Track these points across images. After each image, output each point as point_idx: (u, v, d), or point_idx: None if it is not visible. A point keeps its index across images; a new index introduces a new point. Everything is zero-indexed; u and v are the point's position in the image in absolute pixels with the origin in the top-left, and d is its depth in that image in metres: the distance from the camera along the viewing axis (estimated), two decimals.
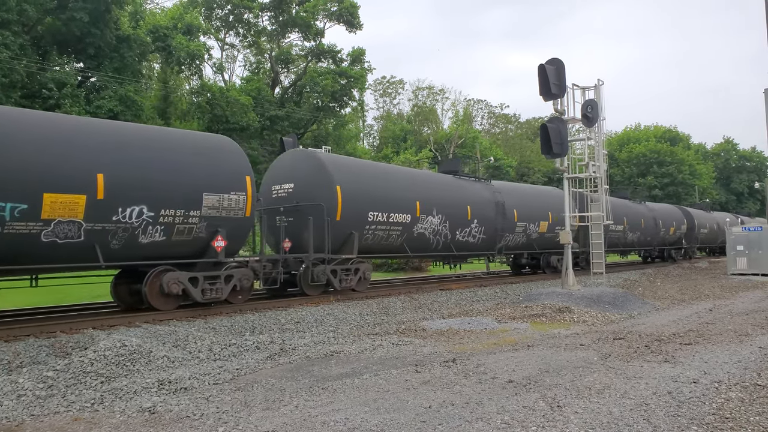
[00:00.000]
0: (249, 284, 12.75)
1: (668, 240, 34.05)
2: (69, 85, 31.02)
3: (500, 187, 21.26)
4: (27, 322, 10.80)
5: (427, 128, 71.34)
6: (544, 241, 22.51)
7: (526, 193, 22.80)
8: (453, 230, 18.07)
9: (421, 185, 17.56)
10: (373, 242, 15.74)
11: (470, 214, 18.78)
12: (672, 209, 36.52)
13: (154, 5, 48.14)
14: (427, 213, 16.98)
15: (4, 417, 5.92)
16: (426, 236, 17.14)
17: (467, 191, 19.27)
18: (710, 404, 5.82)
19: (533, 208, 21.83)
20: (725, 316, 12.41)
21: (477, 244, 19.37)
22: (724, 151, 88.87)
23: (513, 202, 20.85)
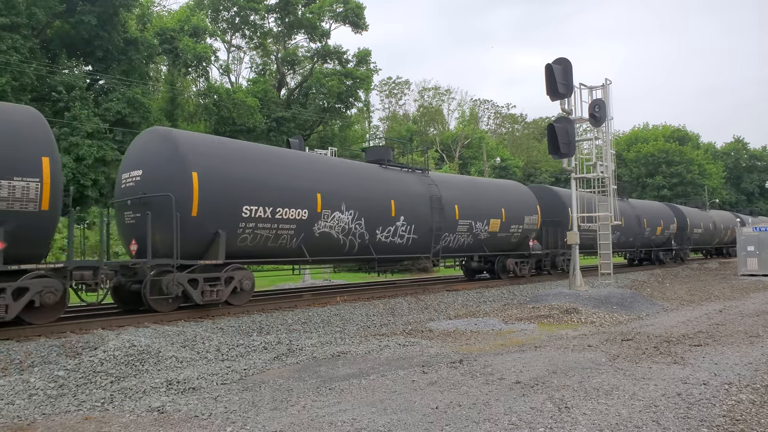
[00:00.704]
0: (54, 300, 9.69)
1: (655, 241, 31.44)
2: (78, 87, 31.26)
3: (438, 179, 18.37)
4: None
5: (433, 129, 71.34)
6: (496, 242, 19.92)
7: (470, 186, 19.82)
8: (371, 229, 15.17)
9: (324, 174, 14.37)
10: (255, 244, 12.73)
11: (394, 209, 15.82)
12: (660, 207, 33.76)
13: (161, 8, 48.40)
14: (332, 208, 14.08)
15: (16, 416, 5.97)
16: (333, 237, 14.25)
17: (392, 183, 16.31)
18: (720, 406, 5.78)
19: (481, 204, 19.08)
20: (736, 318, 12.33)
21: (406, 246, 16.46)
22: (735, 150, 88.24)
23: (453, 197, 17.97)
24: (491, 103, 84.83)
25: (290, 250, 13.57)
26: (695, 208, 38.98)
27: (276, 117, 42.54)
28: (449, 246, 18.13)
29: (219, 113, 40.07)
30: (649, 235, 30.26)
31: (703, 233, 37.31)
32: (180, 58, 39.42)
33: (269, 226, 12.80)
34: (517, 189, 21.92)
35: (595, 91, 16.91)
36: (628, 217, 27.56)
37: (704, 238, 38.14)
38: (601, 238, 17.35)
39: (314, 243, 13.85)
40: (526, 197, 21.53)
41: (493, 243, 19.82)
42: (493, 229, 19.39)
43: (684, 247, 34.66)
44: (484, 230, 19.02)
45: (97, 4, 31.38)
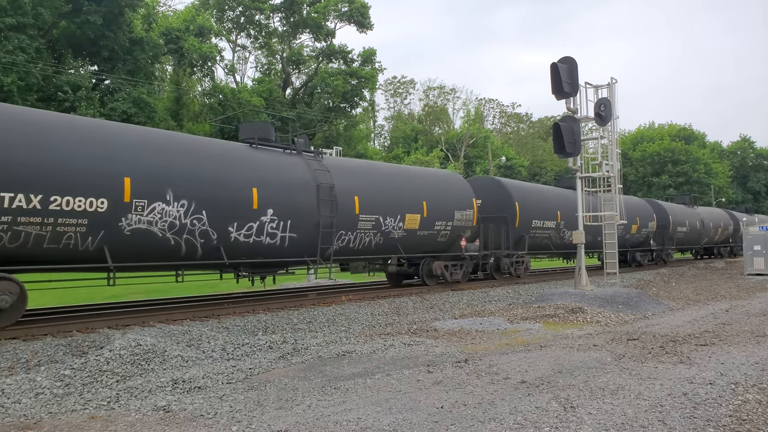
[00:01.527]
0: None
1: (630, 240, 27.71)
2: (84, 87, 31.40)
3: (333, 164, 14.74)
4: (44, 321, 10.93)
5: (438, 128, 71.30)
6: (417, 241, 16.42)
7: (378, 174, 16.03)
8: (221, 226, 11.71)
9: (138, 151, 10.75)
10: (17, 245, 9.40)
11: (257, 200, 12.29)
12: (637, 202, 29.92)
13: (166, 8, 48.54)
14: (151, 197, 10.58)
15: (22, 414, 6.00)
16: (156, 236, 10.78)
17: (258, 167, 12.79)
18: (727, 406, 5.76)
19: (392, 196, 15.51)
20: (742, 317, 12.27)
21: (279, 248, 12.91)
22: (741, 149, 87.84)
23: (352, 186, 14.53)
24: (496, 103, 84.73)
25: (83, 255, 10.17)
26: (681, 205, 35.74)
27: (281, 116, 42.60)
28: (349, 247, 14.54)
29: (224, 113, 40.17)
30: (623, 233, 26.20)
31: (688, 232, 33.77)
32: (185, 57, 39.55)
33: (40, 222, 9.45)
34: (446, 179, 18.62)
35: (601, 90, 16.85)
36: None
37: (690, 238, 34.52)
38: (607, 237, 17.28)
39: (125, 243, 10.45)
40: (457, 189, 18.21)
41: (413, 243, 16.28)
42: (410, 226, 15.93)
43: (666, 248, 31.27)
44: (397, 228, 15.57)
45: (103, 5, 31.51)
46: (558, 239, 22.53)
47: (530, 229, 20.76)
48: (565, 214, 22.05)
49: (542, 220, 21.31)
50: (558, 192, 23.95)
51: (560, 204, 22.45)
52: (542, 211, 21.38)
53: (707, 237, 37.36)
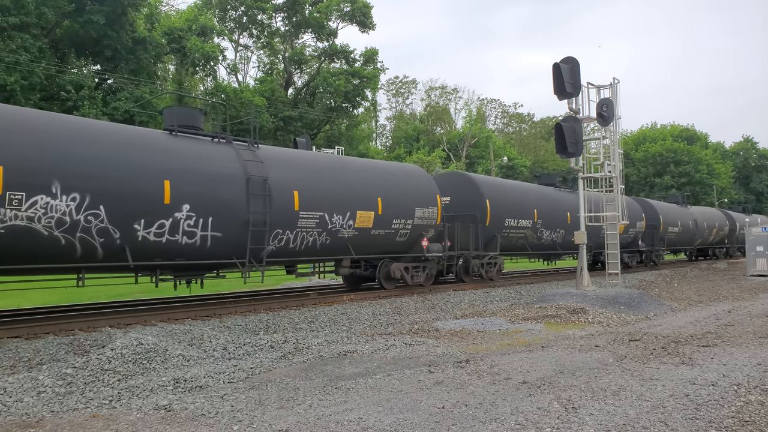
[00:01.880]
0: None
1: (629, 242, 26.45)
2: (86, 87, 31.45)
3: (268, 155, 13.06)
4: (47, 320, 10.96)
5: (440, 128, 71.32)
6: (372, 241, 14.87)
7: (323, 167, 14.30)
8: (125, 224, 10.30)
9: (17, 135, 9.29)
10: None
11: (170, 194, 10.84)
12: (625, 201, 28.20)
13: (169, 7, 48.61)
14: (33, 189, 9.21)
15: (24, 413, 6.02)
16: (41, 234, 9.38)
17: (172, 155, 11.28)
18: (729, 407, 5.74)
19: (341, 191, 14.00)
20: (744, 318, 12.25)
21: (199, 248, 11.41)
22: (744, 150, 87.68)
23: (291, 180, 12.98)
24: (498, 103, 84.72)
25: None
26: (673, 204, 34.00)
27: (283, 116, 42.65)
28: (288, 248, 13.01)
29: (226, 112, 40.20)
30: None
31: (680, 232, 32.06)
32: (188, 57, 39.60)
33: None
34: (406, 174, 16.87)
35: (603, 90, 16.83)
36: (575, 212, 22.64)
37: (682, 238, 32.77)
38: (609, 238, 17.26)
39: None
40: (419, 184, 16.55)
41: (366, 243, 14.81)
42: (363, 224, 14.45)
43: (656, 249, 29.18)
44: (347, 226, 14.05)
45: (106, 4, 31.56)
46: (535, 239, 21.16)
47: (503, 228, 19.39)
48: (544, 213, 21.09)
49: (517, 218, 19.97)
50: (537, 189, 22.75)
51: (538, 202, 21.30)
52: (517, 210, 20.02)
53: (701, 238, 35.60)
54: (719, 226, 38.34)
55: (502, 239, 19.50)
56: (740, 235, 40.32)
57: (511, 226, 19.91)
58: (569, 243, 21.85)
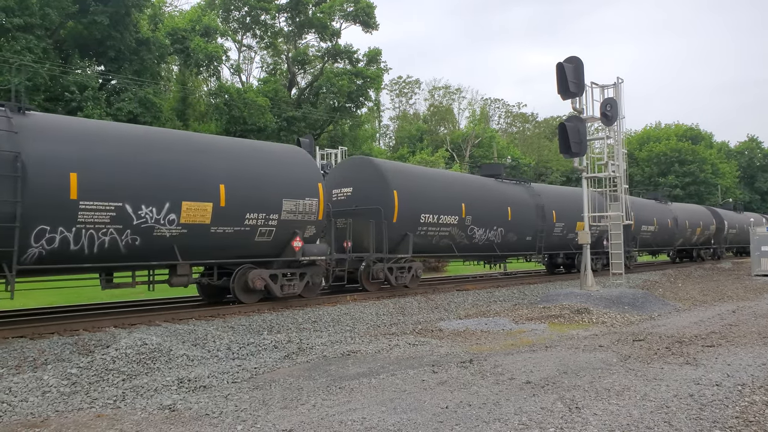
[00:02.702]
0: None
1: (576, 241, 20.72)
2: (90, 87, 31.54)
3: (34, 125, 9.83)
4: (51, 320, 11.00)
5: (443, 128, 71.27)
6: (214, 242, 11.71)
7: (124, 140, 10.73)
8: None
9: None
10: None
11: None
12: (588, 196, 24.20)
13: (172, 8, 48.72)
14: None
15: (29, 413, 6.04)
16: None
17: None
18: (733, 407, 5.73)
19: (153, 174, 10.72)
20: (749, 318, 12.21)
21: None
22: (748, 149, 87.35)
23: (66, 158, 9.74)
24: (502, 102, 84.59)
25: None
26: (651, 201, 30.67)
27: (287, 116, 42.68)
28: (68, 251, 9.80)
29: (230, 113, 40.27)
30: (564, 232, 22.11)
31: (657, 231, 28.56)
32: (191, 57, 39.66)
33: None
34: (270, 153, 13.27)
35: (607, 89, 16.80)
36: (525, 207, 20.18)
37: (660, 238, 29.18)
38: (612, 238, 17.22)
39: None
40: (292, 169, 13.20)
41: (205, 244, 11.59)
42: (194, 219, 11.18)
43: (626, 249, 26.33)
44: (168, 222, 10.82)
45: (110, 5, 31.63)
46: (464, 239, 17.85)
47: (418, 225, 16.07)
48: (475, 207, 17.90)
49: (437, 214, 16.59)
50: (465, 180, 19.54)
51: (467, 194, 17.93)
52: (437, 203, 16.68)
53: (682, 238, 32.03)
54: (704, 224, 34.68)
55: (418, 239, 16.29)
56: (729, 234, 38.07)
57: (429, 223, 16.50)
58: (512, 243, 19.56)
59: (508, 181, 21.40)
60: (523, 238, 20.45)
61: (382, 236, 15.28)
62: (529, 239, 20.68)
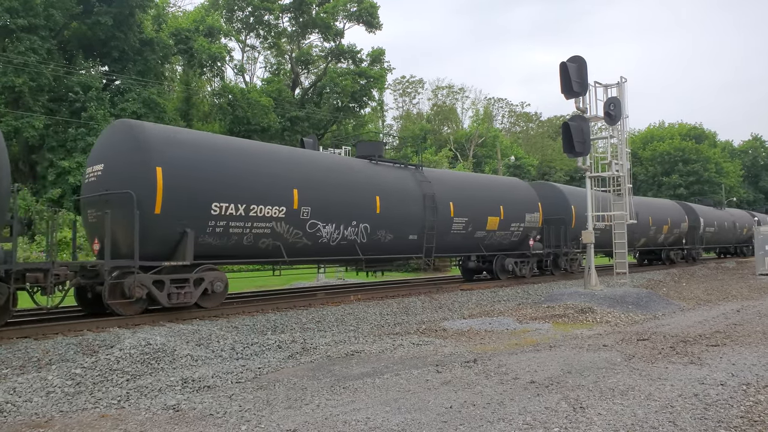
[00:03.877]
0: None
1: (492, 241, 18.78)
2: (94, 88, 31.65)
3: None
4: (55, 320, 11.02)
5: (447, 127, 71.23)
6: None
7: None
8: None
9: None
10: None
11: None
12: (512, 185, 20.70)
13: (176, 8, 48.81)
14: None
15: (34, 413, 6.06)
16: None
17: None
18: (738, 407, 5.71)
19: None
20: (753, 317, 12.17)
21: None
22: (752, 148, 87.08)
23: None
24: (505, 102, 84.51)
25: None
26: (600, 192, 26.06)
27: (290, 116, 42.73)
28: None
29: (234, 113, 40.33)
30: (469, 230, 17.73)
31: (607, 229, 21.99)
32: (195, 58, 39.74)
33: None
34: None
35: (610, 89, 16.76)
36: (405, 197, 15.82)
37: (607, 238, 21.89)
38: (617, 237, 17.17)
39: None
40: None
41: None
42: None
43: (562, 250, 21.46)
44: None
45: (114, 5, 31.73)
46: (300, 237, 13.20)
47: (207, 219, 11.58)
48: (318, 196, 13.37)
49: (244, 203, 12.05)
50: (301, 159, 13.79)
51: (304, 179, 13.25)
52: (242, 188, 12.11)
53: (645, 237, 27.43)
54: (673, 222, 30.01)
55: (210, 238, 11.70)
56: (706, 233, 33.68)
57: (230, 217, 11.85)
58: (385, 244, 15.12)
59: (386, 163, 16.61)
60: (404, 237, 15.68)
61: (126, 236, 10.79)
62: (413, 238, 15.90)
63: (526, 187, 21.39)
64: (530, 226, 20.19)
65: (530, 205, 20.37)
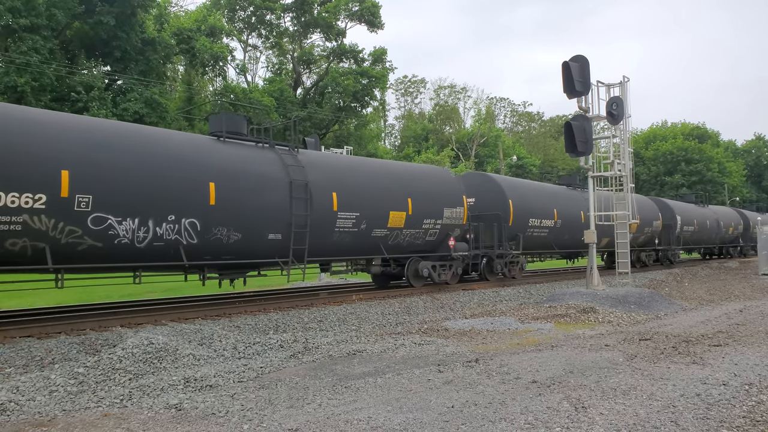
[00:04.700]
0: None
1: (411, 242, 15.61)
2: (96, 88, 31.69)
3: None
4: (58, 320, 11.05)
5: (449, 127, 71.21)
6: None
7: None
8: None
9: None
10: None
11: None
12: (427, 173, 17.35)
13: (178, 8, 48.86)
14: None
15: (36, 412, 6.07)
16: None
17: None
18: (741, 407, 5.70)
19: None
20: (756, 317, 12.14)
21: None
22: (755, 148, 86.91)
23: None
24: (507, 101, 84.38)
25: None
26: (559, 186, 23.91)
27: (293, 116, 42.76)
28: None
29: (235, 113, 40.39)
30: (363, 228, 14.24)
31: (557, 228, 20.97)
32: (197, 57, 39.78)
33: None
34: None
35: (613, 88, 16.74)
36: (260, 185, 12.25)
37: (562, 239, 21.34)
38: (619, 237, 17.15)
39: None
40: None
41: None
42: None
43: (505, 252, 18.63)
44: None
45: (116, 5, 31.77)
46: (77, 237, 9.82)
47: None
48: (108, 182, 10.05)
49: None
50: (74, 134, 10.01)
51: (81, 160, 9.75)
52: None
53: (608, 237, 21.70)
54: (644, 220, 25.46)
55: None
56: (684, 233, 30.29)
57: None
58: (227, 245, 11.72)
59: (238, 141, 12.83)
60: (260, 236, 12.31)
61: None
62: (275, 238, 12.50)
63: (445, 177, 17.45)
64: (451, 223, 16.58)
65: (451, 198, 16.60)
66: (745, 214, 41.02)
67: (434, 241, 16.49)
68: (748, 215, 41.31)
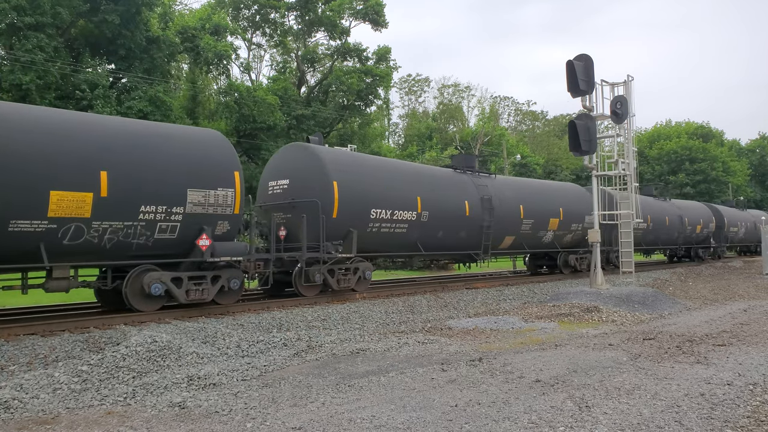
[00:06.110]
0: None
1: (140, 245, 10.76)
2: (101, 86, 31.73)
3: None
4: (62, 317, 11.08)
5: (452, 126, 71.13)
6: None
7: None
8: None
9: None
10: None
11: None
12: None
13: (182, 6, 48.93)
14: None
15: (40, 409, 6.09)
16: None
17: None
18: (745, 407, 5.68)
19: None
20: (760, 317, 12.10)
21: None
22: (760, 147, 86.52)
23: None
24: (511, 100, 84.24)
25: None
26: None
27: (296, 115, 42.74)
28: None
29: (239, 111, 40.40)
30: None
31: (425, 221, 16.09)
32: (201, 56, 39.79)
33: None
34: None
35: (617, 87, 16.68)
36: None
37: (423, 236, 16.15)
38: (623, 236, 17.10)
39: None
40: None
41: None
42: None
43: (314, 254, 13.38)
44: None
45: (120, 3, 31.81)
46: None
47: None
48: None
49: None
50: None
51: None
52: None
53: (514, 234, 19.32)
54: (568, 215, 21.31)
55: None
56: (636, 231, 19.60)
57: None
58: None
59: None
60: None
61: None
62: None
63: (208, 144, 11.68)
64: (205, 212, 11.08)
65: (213, 177, 11.23)
66: (719, 210, 35.31)
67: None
68: (723, 211, 35.66)
